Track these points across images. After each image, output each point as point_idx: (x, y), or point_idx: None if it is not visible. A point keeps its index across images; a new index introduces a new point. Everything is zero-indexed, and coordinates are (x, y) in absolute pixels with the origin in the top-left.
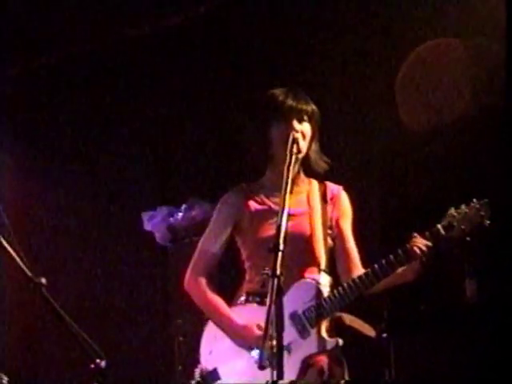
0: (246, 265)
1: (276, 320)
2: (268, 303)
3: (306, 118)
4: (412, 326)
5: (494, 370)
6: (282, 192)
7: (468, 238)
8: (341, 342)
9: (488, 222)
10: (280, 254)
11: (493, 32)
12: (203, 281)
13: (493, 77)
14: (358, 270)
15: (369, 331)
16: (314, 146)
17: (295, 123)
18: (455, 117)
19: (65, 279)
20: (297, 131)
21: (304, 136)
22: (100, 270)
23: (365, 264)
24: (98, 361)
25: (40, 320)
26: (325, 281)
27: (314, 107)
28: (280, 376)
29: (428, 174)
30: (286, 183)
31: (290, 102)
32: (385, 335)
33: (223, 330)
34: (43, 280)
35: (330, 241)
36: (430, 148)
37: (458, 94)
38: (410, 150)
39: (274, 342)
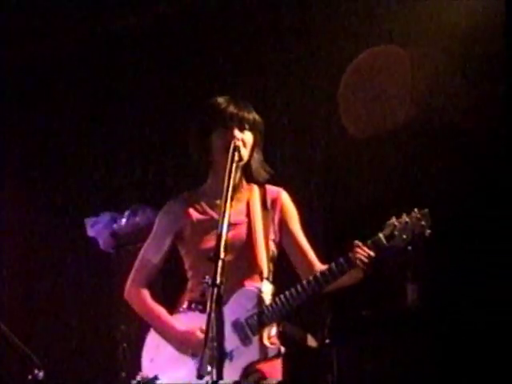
0: (189, 274)
1: (216, 329)
2: (207, 312)
3: (247, 126)
4: (354, 332)
5: (436, 374)
6: (223, 200)
7: (409, 247)
8: (283, 349)
9: (429, 231)
10: (220, 262)
11: (435, 40)
12: (144, 290)
13: (434, 84)
14: (316, 266)
15: (311, 342)
16: (256, 155)
17: (236, 131)
18: (397, 124)
19: (5, 284)
20: (238, 139)
21: (245, 144)
22: (42, 276)
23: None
24: (36, 371)
25: None
26: (267, 289)
27: (256, 116)
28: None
29: (370, 182)
30: (227, 191)
31: (231, 109)
32: (328, 341)
33: (165, 337)
34: None
35: (272, 248)
36: (372, 155)
37: (400, 101)
38: (352, 157)
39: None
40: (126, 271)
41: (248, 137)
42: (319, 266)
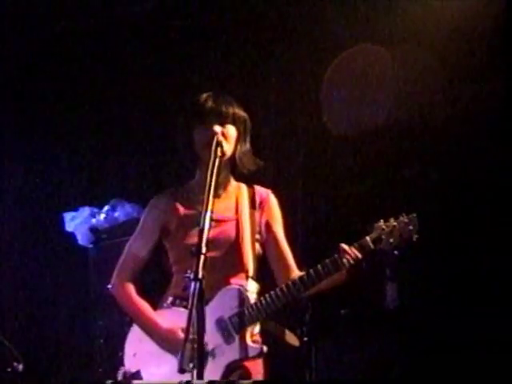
0: (174, 269)
1: (197, 323)
2: (189, 307)
3: (228, 120)
4: (332, 331)
5: (412, 373)
6: (205, 195)
7: (396, 252)
8: (265, 349)
9: (416, 236)
10: (202, 257)
11: (418, 39)
12: (129, 284)
13: (417, 83)
14: (294, 272)
15: (293, 341)
16: (242, 148)
17: (216, 127)
18: (379, 123)
19: None
20: (218, 134)
21: (227, 138)
22: (21, 270)
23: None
24: (15, 364)
25: None
26: (252, 287)
27: (236, 109)
28: (200, 379)
29: (352, 181)
30: (210, 186)
31: (209, 105)
32: (306, 339)
33: (148, 333)
34: None
35: (258, 247)
36: (354, 154)
37: (382, 100)
38: (333, 156)
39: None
40: (104, 266)
41: (231, 131)
42: (297, 273)
